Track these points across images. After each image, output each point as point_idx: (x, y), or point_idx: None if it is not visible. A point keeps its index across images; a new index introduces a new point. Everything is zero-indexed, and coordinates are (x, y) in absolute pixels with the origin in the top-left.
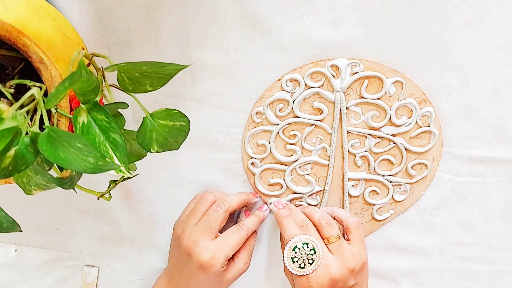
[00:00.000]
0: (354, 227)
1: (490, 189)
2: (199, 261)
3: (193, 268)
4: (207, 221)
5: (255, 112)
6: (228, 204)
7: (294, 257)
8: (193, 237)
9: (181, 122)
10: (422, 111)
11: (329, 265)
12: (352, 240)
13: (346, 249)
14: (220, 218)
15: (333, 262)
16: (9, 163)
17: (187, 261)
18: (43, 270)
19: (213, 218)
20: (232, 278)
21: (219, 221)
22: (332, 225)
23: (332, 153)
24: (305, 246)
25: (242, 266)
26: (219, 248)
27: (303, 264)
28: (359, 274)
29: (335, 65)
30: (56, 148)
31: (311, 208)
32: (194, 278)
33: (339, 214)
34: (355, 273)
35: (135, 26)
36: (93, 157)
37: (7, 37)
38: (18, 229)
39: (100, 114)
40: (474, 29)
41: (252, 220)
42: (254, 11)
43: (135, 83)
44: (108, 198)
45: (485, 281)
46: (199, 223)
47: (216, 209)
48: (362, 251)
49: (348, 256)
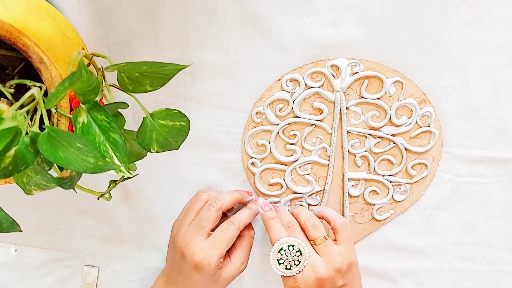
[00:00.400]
0: (341, 228)
1: (490, 189)
2: (193, 261)
3: (188, 269)
4: (200, 221)
5: (255, 112)
6: (221, 203)
7: (280, 259)
8: (186, 238)
9: (181, 122)
10: (422, 111)
11: (315, 265)
12: (339, 240)
13: (333, 249)
14: (212, 217)
15: (319, 263)
16: (9, 163)
17: (182, 262)
18: (43, 270)
19: (205, 217)
20: (229, 277)
21: (211, 220)
22: (317, 227)
23: (332, 153)
24: (291, 248)
25: (239, 265)
26: (211, 247)
27: (289, 265)
28: (347, 274)
29: (335, 65)
30: (56, 148)
31: (299, 209)
32: (190, 278)
33: (327, 214)
34: (342, 273)
35: (135, 26)
36: (93, 157)
37: (7, 37)
38: (18, 229)
39: (100, 114)
40: (474, 29)
41: (244, 213)
42: (254, 11)
43: (135, 83)
44: (108, 198)
45: (485, 281)
46: (192, 223)
47: (208, 208)
48: (349, 252)
49: (335, 256)
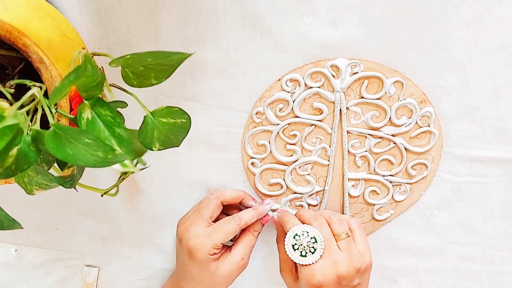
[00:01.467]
0: (357, 226)
1: (490, 189)
2: (187, 246)
3: (183, 256)
4: (199, 208)
5: (255, 112)
6: (221, 193)
7: (295, 244)
8: (185, 224)
9: (182, 119)
10: (422, 111)
11: (338, 262)
12: (357, 239)
13: (354, 248)
14: (211, 205)
15: (342, 260)
16: (11, 163)
17: (180, 249)
18: (43, 270)
19: (204, 205)
20: (228, 272)
21: (210, 207)
22: (342, 221)
23: (332, 153)
24: (305, 234)
25: (238, 260)
26: (207, 235)
27: (304, 252)
28: (364, 274)
29: (335, 65)
30: (63, 145)
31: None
32: (187, 269)
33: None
34: (360, 273)
35: (135, 26)
36: (103, 151)
37: (7, 37)
38: (19, 226)
39: (104, 109)
40: (474, 29)
41: (248, 212)
42: (254, 11)
43: (140, 77)
44: (114, 194)
45: (485, 281)
46: (192, 210)
47: (208, 196)
48: (367, 252)
49: (356, 255)
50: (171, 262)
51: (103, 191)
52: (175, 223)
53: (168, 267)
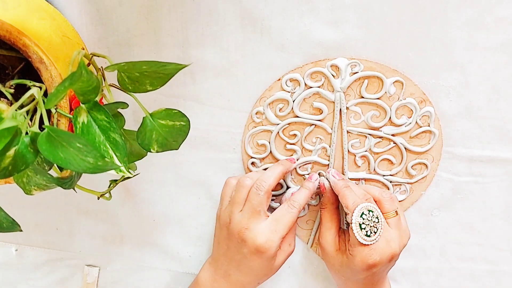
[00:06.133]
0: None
1: (490, 189)
2: (255, 245)
3: (247, 254)
4: (252, 206)
5: (255, 112)
6: (267, 184)
7: (362, 224)
8: (243, 223)
9: (181, 122)
10: (422, 111)
11: (390, 240)
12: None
13: (402, 226)
14: (263, 200)
15: (394, 237)
16: (9, 163)
17: (240, 248)
18: (44, 269)
19: (257, 203)
20: (281, 261)
21: (263, 203)
22: (393, 199)
23: (332, 153)
24: (371, 213)
25: (287, 247)
26: (273, 230)
27: (369, 231)
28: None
29: (335, 65)
30: (56, 148)
31: (366, 186)
32: (246, 263)
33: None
34: (401, 252)
35: (135, 26)
36: (93, 157)
37: (7, 37)
38: (18, 228)
39: (100, 114)
40: (474, 29)
41: (302, 194)
42: (254, 11)
43: (135, 82)
44: (108, 198)
45: (485, 281)
46: (244, 209)
47: (257, 193)
48: (407, 228)
49: (403, 232)
50: (171, 262)
51: (99, 193)
52: (175, 223)
53: (169, 267)
